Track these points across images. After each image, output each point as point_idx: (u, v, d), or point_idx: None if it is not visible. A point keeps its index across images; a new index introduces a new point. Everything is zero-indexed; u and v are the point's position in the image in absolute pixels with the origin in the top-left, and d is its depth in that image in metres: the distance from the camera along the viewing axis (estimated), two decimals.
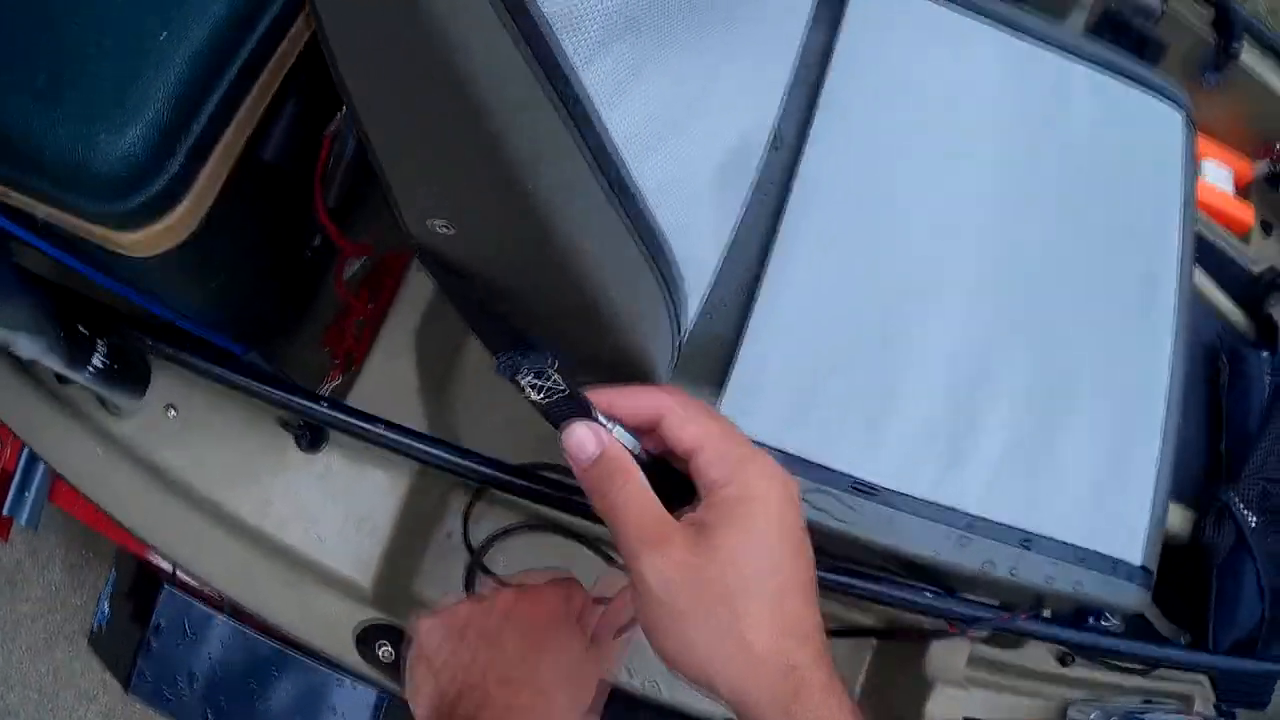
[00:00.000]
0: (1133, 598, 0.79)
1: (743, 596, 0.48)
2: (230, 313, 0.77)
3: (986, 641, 0.96)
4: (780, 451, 0.75)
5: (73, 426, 0.85)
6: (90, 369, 0.78)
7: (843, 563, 0.77)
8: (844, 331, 0.79)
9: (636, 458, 0.52)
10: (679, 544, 0.48)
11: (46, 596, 1.58)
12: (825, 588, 0.73)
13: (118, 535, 1.08)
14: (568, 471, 0.52)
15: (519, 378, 0.49)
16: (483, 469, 0.74)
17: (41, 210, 0.61)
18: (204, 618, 1.02)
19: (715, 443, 0.50)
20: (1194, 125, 0.96)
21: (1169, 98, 0.96)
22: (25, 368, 0.88)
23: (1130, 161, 0.92)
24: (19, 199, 0.61)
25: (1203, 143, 1.29)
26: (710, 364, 0.76)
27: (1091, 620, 0.83)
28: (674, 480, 0.52)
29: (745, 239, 0.79)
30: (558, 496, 0.74)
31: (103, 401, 0.87)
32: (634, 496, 0.50)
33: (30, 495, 1.10)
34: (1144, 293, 0.88)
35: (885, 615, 0.95)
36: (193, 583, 1.01)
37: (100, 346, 0.78)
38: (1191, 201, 0.92)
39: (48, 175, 0.57)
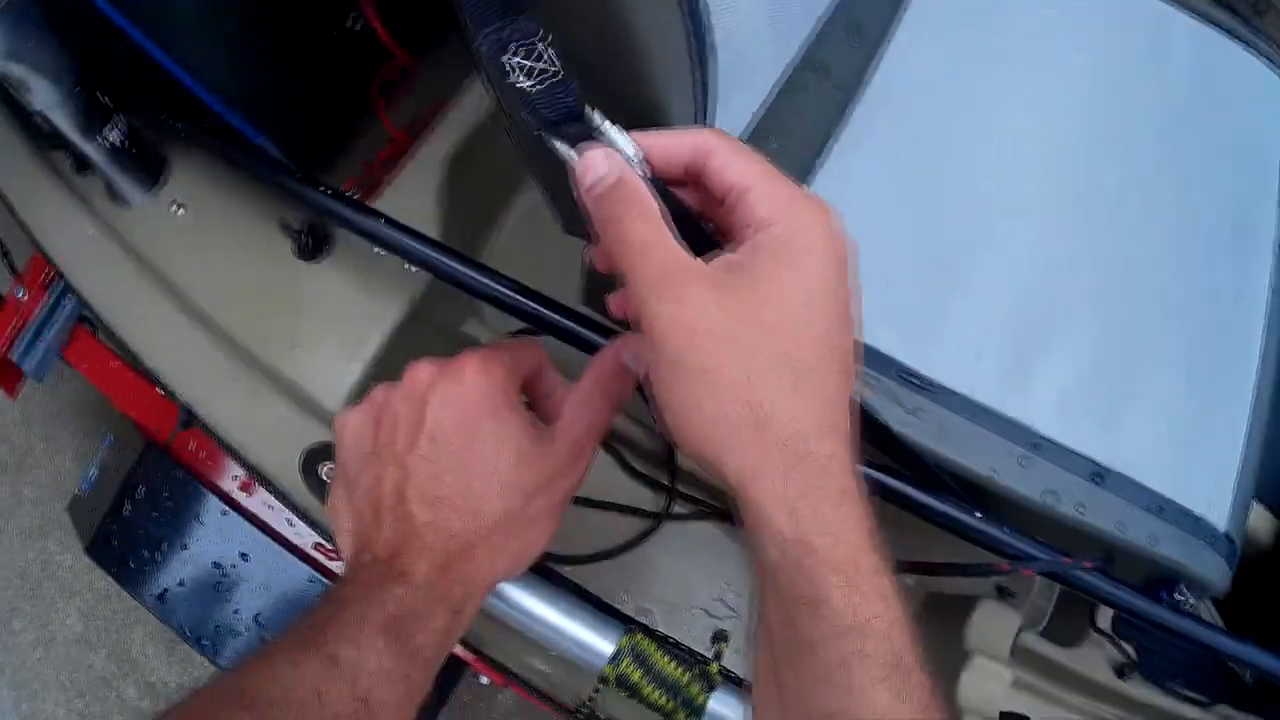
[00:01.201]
0: (1214, 568, 0.68)
1: (771, 355, 0.39)
2: (245, 74, 0.71)
3: (1039, 633, 0.84)
4: None
5: (73, 207, 0.81)
6: (103, 139, 0.75)
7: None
8: (907, 221, 0.72)
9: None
10: (702, 284, 0.39)
11: (51, 483, 1.55)
12: None
13: (122, 401, 1.04)
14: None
15: (505, 56, 0.41)
16: (498, 287, 0.63)
17: None
18: (186, 488, 0.97)
19: (765, 181, 0.41)
20: None
21: (1273, 63, 0.90)
22: (44, 151, 0.84)
23: (1228, 118, 0.87)
24: None
25: None
26: None
27: (1164, 596, 0.71)
28: (693, 231, 0.43)
29: (810, 125, 0.73)
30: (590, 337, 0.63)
31: (112, 195, 0.82)
32: (651, 231, 0.41)
33: (42, 347, 1.07)
34: (1239, 248, 0.81)
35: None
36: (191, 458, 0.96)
37: (118, 121, 0.75)
38: None
39: None
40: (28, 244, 0.86)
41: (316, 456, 0.70)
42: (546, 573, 0.69)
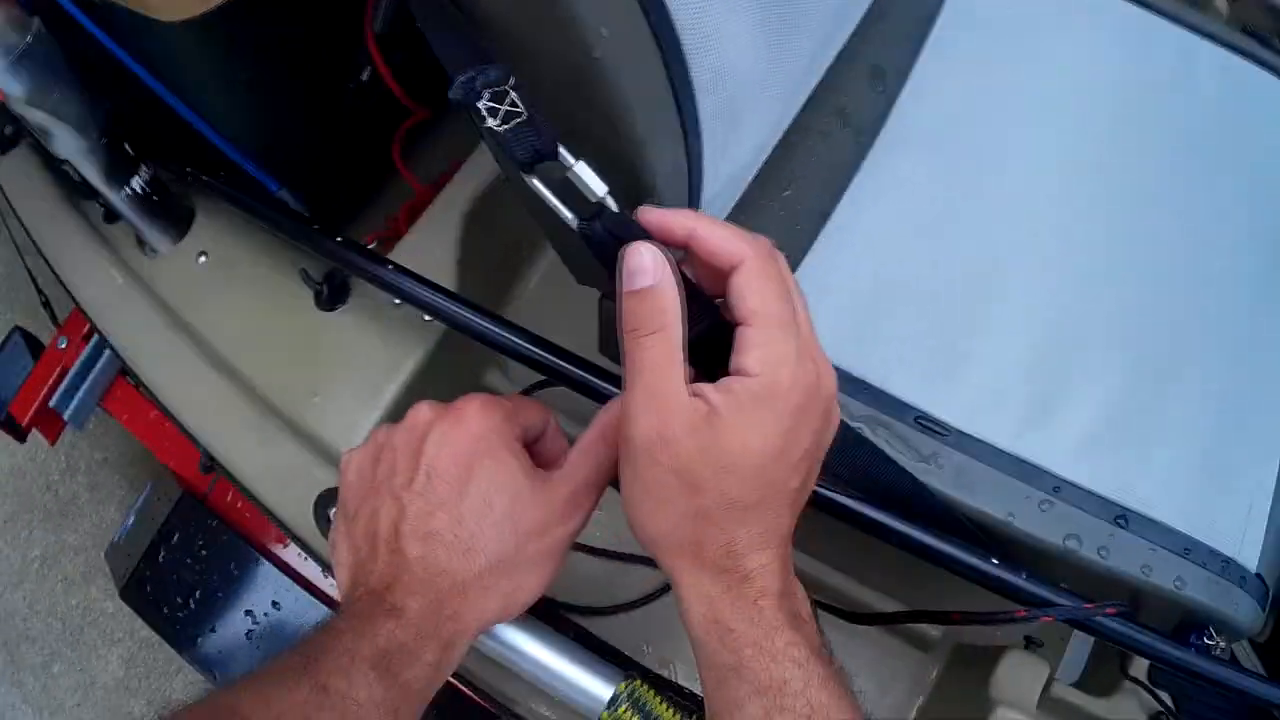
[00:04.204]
0: (1245, 610, 0.65)
1: (718, 495, 0.44)
2: (261, 127, 0.73)
3: (1073, 684, 0.82)
4: (838, 369, 0.65)
5: (101, 254, 0.83)
6: (128, 190, 0.77)
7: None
8: (926, 262, 0.71)
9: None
10: (683, 427, 0.43)
11: (96, 532, 1.56)
12: (862, 527, 0.61)
13: (162, 453, 1.06)
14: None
15: (479, 101, 0.43)
16: (507, 335, 0.63)
17: None
18: (221, 537, 0.98)
19: (768, 332, 0.43)
20: None
21: None
22: (75, 200, 0.87)
23: (1256, 144, 0.85)
24: None
25: None
26: None
27: (1194, 640, 0.68)
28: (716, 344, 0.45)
29: (828, 172, 0.73)
30: (602, 387, 0.63)
31: (141, 244, 0.84)
32: (664, 357, 0.43)
33: (80, 395, 1.09)
34: (1270, 274, 0.78)
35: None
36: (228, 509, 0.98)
37: (143, 171, 0.77)
38: None
39: None
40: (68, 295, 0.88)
41: (327, 500, 0.70)
42: (552, 618, 0.68)
